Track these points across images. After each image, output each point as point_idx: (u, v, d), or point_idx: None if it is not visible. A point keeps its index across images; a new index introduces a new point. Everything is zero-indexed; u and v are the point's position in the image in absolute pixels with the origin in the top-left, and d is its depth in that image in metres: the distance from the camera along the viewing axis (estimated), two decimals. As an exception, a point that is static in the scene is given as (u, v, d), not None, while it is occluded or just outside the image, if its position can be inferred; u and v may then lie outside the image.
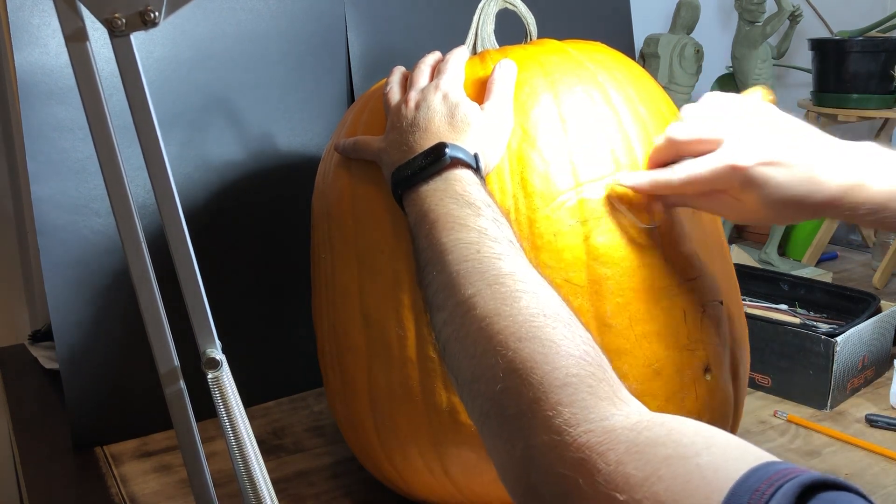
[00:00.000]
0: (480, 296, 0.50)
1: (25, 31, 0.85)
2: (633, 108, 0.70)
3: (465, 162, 0.60)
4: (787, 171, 0.58)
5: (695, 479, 0.36)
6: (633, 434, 0.40)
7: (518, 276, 0.51)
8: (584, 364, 0.45)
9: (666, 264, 0.67)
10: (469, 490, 0.71)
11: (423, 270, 0.56)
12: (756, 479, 0.35)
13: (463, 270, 0.52)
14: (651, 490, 0.37)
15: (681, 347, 0.67)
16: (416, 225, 0.58)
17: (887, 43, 1.39)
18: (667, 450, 0.39)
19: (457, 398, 0.66)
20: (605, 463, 0.39)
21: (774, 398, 1.01)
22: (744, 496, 0.34)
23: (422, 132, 0.63)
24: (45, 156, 0.87)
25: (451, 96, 0.65)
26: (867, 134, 1.59)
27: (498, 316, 0.49)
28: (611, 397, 0.44)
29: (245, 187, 0.99)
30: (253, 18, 0.98)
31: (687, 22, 1.43)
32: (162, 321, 0.57)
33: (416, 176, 0.60)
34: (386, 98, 0.70)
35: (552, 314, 0.49)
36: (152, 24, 0.52)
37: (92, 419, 0.93)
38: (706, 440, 0.39)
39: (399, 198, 0.62)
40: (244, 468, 0.58)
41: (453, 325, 0.51)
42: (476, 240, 0.54)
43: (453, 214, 0.56)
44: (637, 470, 0.38)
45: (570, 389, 0.44)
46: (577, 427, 0.42)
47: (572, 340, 0.47)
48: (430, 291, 0.55)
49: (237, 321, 0.99)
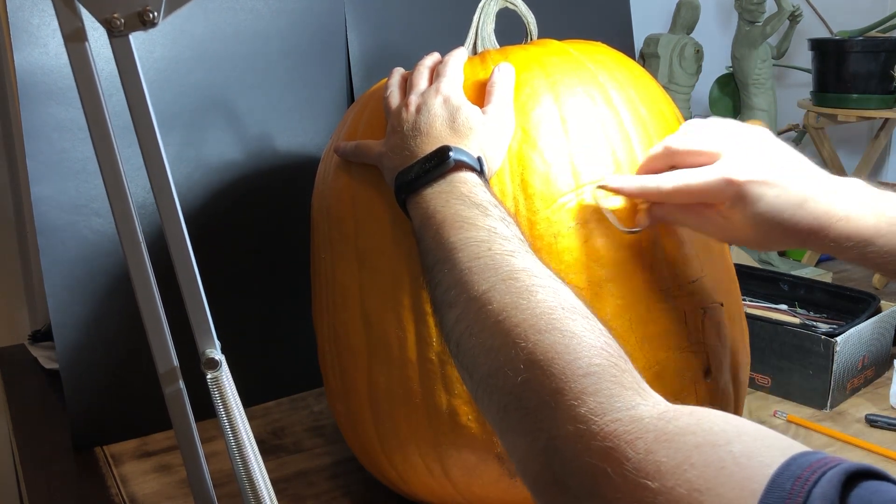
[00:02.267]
0: (495, 290, 0.50)
1: (25, 31, 0.85)
2: (634, 109, 0.69)
3: (469, 165, 0.60)
4: (779, 192, 0.59)
5: (729, 466, 0.36)
6: (662, 423, 0.40)
7: (532, 271, 0.51)
8: (606, 355, 0.45)
9: (666, 266, 0.67)
10: (469, 491, 0.70)
11: (430, 270, 0.56)
12: (798, 465, 0.35)
13: (475, 267, 0.52)
14: (684, 477, 0.37)
15: (681, 349, 0.67)
16: (422, 227, 0.58)
17: (887, 43, 1.39)
18: (697, 438, 0.38)
19: (457, 400, 0.66)
20: (635, 451, 0.39)
21: (774, 398, 1.00)
22: (786, 482, 0.34)
23: (423, 136, 0.63)
24: (45, 156, 0.87)
25: (452, 100, 0.64)
26: (867, 134, 1.59)
27: (515, 309, 0.48)
28: (635, 387, 0.44)
29: (245, 187, 0.99)
30: (253, 18, 0.98)
31: (687, 22, 1.43)
32: (161, 321, 0.57)
33: (420, 179, 0.60)
34: (386, 101, 0.70)
35: (569, 307, 0.48)
36: (151, 25, 0.52)
37: (92, 419, 0.93)
38: (736, 429, 0.39)
39: (402, 202, 0.62)
40: (243, 468, 0.58)
41: (467, 321, 0.51)
42: (486, 238, 0.54)
43: (461, 214, 0.56)
44: (668, 458, 0.38)
45: (593, 378, 0.43)
46: (604, 416, 0.41)
47: (592, 332, 0.47)
48: (439, 290, 0.54)
49: (237, 321, 0.99)
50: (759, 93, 1.40)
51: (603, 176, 0.65)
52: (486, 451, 0.67)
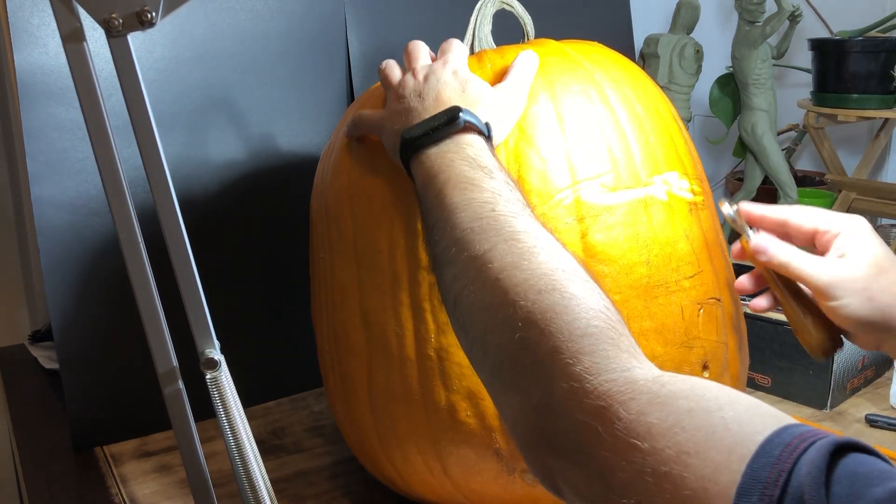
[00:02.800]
0: (497, 250, 0.49)
1: (25, 31, 0.86)
2: (630, 107, 0.70)
3: (478, 128, 0.60)
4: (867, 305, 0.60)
5: (719, 431, 0.36)
6: (656, 386, 0.40)
7: (534, 233, 0.51)
8: (605, 317, 0.45)
9: (663, 261, 0.67)
10: (468, 488, 0.71)
11: (431, 229, 0.56)
12: (788, 434, 0.35)
13: (477, 227, 0.52)
14: (674, 440, 0.37)
15: (679, 344, 0.67)
16: (425, 185, 0.58)
17: (887, 43, 1.39)
18: (690, 403, 0.39)
19: (456, 396, 0.66)
20: (627, 412, 0.39)
21: (774, 398, 1.00)
22: (775, 449, 0.34)
23: (432, 100, 0.62)
24: (45, 156, 0.87)
25: (461, 73, 0.64)
26: (867, 134, 1.59)
27: (516, 269, 0.48)
28: (631, 351, 0.44)
29: (244, 187, 0.99)
30: (253, 18, 0.98)
31: (687, 22, 1.43)
32: (160, 322, 0.57)
33: (428, 137, 0.59)
34: (385, 74, 0.68)
35: (570, 270, 0.48)
36: (149, 25, 0.52)
37: (92, 419, 0.93)
38: (730, 397, 0.39)
39: (406, 160, 0.61)
40: (243, 469, 0.58)
41: (465, 279, 0.50)
42: (490, 199, 0.53)
43: (466, 175, 0.56)
44: (660, 420, 0.38)
45: (591, 339, 0.43)
46: (599, 376, 0.42)
47: (592, 295, 0.47)
48: (438, 248, 0.54)
49: (237, 321, 0.99)
50: (759, 93, 1.40)
51: (600, 173, 0.66)
52: (485, 448, 0.67)
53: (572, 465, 0.42)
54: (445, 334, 0.66)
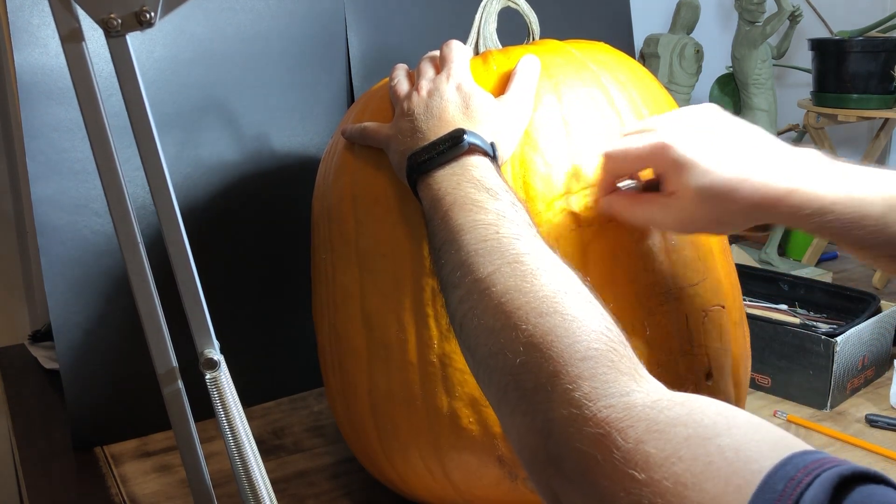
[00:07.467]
0: (500, 273, 0.50)
1: (25, 31, 0.85)
2: (636, 109, 0.69)
3: (482, 149, 0.60)
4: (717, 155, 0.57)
5: (716, 461, 0.36)
6: (654, 412, 0.40)
7: (537, 255, 0.51)
8: (605, 339, 0.45)
9: (667, 269, 0.66)
10: (469, 493, 0.70)
11: (438, 251, 0.56)
12: (793, 466, 0.34)
13: (481, 249, 0.52)
14: (671, 470, 0.37)
15: (682, 353, 0.67)
16: (432, 208, 0.58)
17: (887, 43, 1.38)
18: (687, 430, 0.38)
19: (458, 402, 0.66)
20: (624, 440, 0.39)
21: (774, 398, 1.00)
22: (779, 483, 0.34)
23: (436, 120, 0.63)
24: (45, 156, 0.87)
25: (464, 86, 0.65)
26: (867, 134, 1.59)
27: (518, 292, 0.48)
28: (631, 373, 0.44)
29: (244, 188, 0.99)
30: (253, 18, 0.98)
31: (687, 22, 1.43)
32: (160, 322, 0.57)
33: (433, 161, 0.60)
34: (393, 89, 0.70)
35: (573, 291, 0.49)
36: (148, 25, 0.52)
37: (92, 419, 0.93)
38: (727, 420, 0.39)
39: (413, 182, 0.62)
40: (243, 469, 0.58)
41: (470, 302, 0.51)
42: (494, 221, 0.54)
43: (471, 197, 0.56)
44: (657, 449, 0.38)
45: (590, 363, 0.43)
46: (598, 402, 0.42)
47: (593, 316, 0.47)
48: (445, 271, 0.55)
49: (237, 321, 0.99)
50: (759, 93, 1.40)
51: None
52: (487, 454, 0.67)
53: (576, 489, 0.42)
54: (448, 340, 0.66)
